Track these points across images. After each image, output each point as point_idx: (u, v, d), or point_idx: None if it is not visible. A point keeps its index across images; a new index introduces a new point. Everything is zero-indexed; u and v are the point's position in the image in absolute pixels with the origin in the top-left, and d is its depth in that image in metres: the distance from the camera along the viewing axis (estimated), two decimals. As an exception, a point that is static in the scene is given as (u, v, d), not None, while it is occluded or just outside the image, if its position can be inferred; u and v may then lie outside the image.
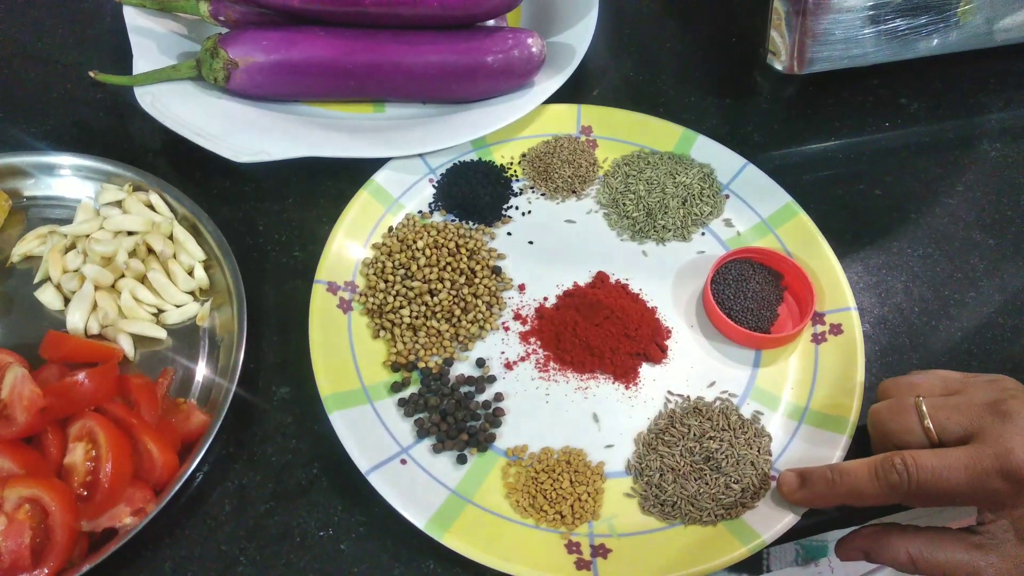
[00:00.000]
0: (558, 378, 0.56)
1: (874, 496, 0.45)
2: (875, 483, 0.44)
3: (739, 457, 0.51)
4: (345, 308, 0.57)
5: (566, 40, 0.69)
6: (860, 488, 0.45)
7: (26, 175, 0.61)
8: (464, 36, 0.64)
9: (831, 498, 0.47)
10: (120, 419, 0.49)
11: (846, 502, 0.46)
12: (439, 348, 0.56)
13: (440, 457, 0.52)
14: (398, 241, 0.60)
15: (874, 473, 0.45)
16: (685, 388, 0.55)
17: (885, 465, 0.44)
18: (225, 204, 0.62)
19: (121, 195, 0.59)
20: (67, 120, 0.67)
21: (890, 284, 0.61)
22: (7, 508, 0.45)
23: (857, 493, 0.45)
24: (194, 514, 0.50)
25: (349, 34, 0.63)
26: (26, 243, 0.58)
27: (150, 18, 0.67)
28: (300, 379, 0.54)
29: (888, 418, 0.47)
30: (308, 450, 0.53)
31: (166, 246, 0.57)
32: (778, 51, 0.68)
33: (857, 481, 0.45)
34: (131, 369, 0.55)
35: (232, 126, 0.62)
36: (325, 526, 0.50)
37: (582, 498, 0.51)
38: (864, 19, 0.67)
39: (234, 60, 0.61)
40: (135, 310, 0.56)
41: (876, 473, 0.44)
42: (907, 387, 0.48)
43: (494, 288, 0.59)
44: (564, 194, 0.64)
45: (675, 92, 0.72)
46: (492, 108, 0.65)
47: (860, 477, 0.45)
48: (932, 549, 0.45)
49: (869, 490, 0.45)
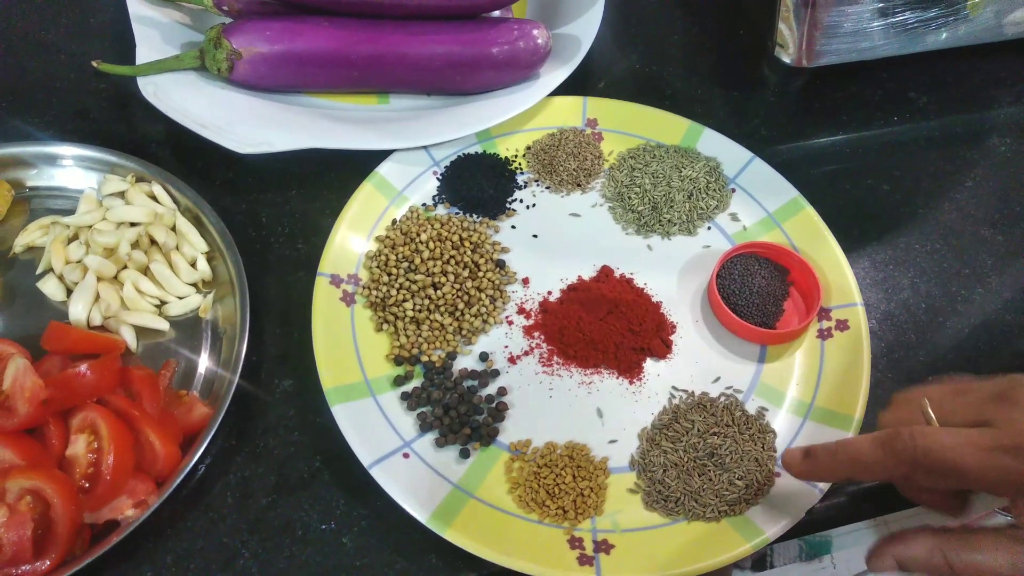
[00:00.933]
0: (562, 373, 0.55)
1: (877, 464, 0.43)
2: (879, 450, 0.43)
3: (743, 453, 0.51)
4: (348, 301, 0.56)
5: (572, 32, 0.68)
6: (863, 455, 0.44)
7: (29, 165, 0.61)
8: (469, 27, 0.64)
9: (834, 467, 0.46)
10: (122, 411, 0.49)
11: (850, 474, 0.45)
12: (442, 342, 0.56)
13: (443, 451, 0.52)
14: (402, 234, 0.59)
15: (879, 442, 0.43)
16: (689, 384, 0.55)
17: (890, 433, 0.43)
18: (228, 195, 0.62)
19: (124, 186, 0.59)
20: (70, 110, 0.66)
21: (897, 280, 0.61)
22: (9, 499, 0.45)
23: (860, 461, 0.44)
24: (196, 507, 0.50)
25: (353, 24, 0.63)
26: (29, 234, 0.58)
27: (153, 8, 0.66)
28: (302, 372, 0.54)
29: (893, 422, 0.46)
30: (310, 443, 0.53)
31: (169, 237, 0.57)
32: (786, 44, 0.67)
33: (860, 449, 0.44)
34: (133, 361, 0.54)
35: (235, 117, 0.61)
36: (327, 519, 0.50)
37: (585, 493, 0.50)
38: (873, 12, 0.66)
39: (237, 50, 0.60)
40: (137, 301, 0.55)
41: (880, 441, 0.43)
42: (916, 394, 0.48)
43: (498, 282, 0.58)
44: (569, 187, 0.63)
45: (682, 85, 0.71)
46: (497, 100, 0.65)
47: (863, 445, 0.44)
48: (970, 551, 0.42)
49: (872, 457, 0.43)
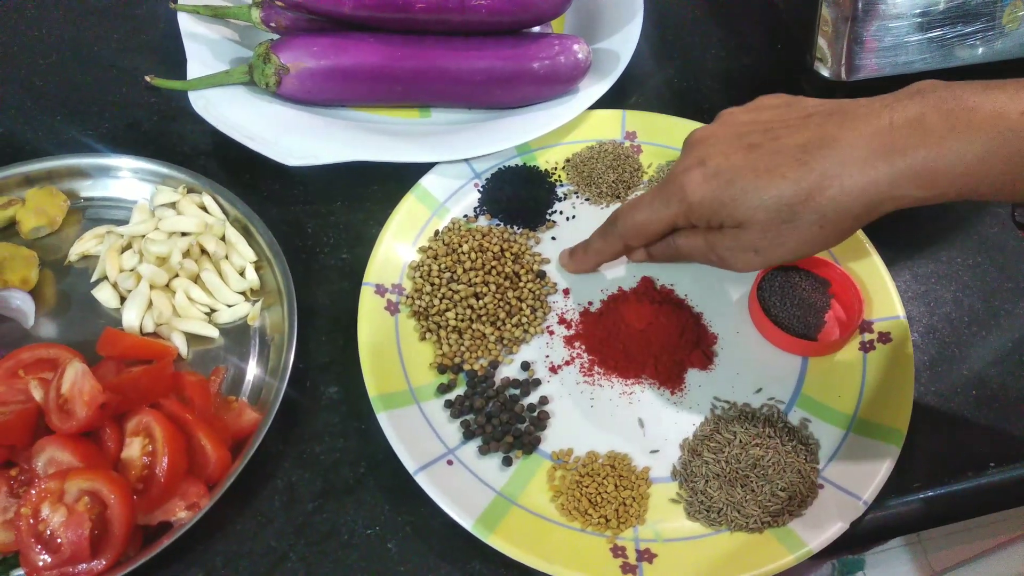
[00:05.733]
0: (603, 383, 0.56)
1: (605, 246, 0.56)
2: (602, 237, 0.56)
3: (786, 464, 0.51)
4: (392, 310, 0.57)
5: (610, 46, 0.69)
6: (594, 243, 0.57)
7: (84, 176, 0.62)
8: (511, 42, 0.65)
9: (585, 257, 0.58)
10: (175, 415, 0.50)
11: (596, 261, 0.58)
12: (484, 351, 0.57)
13: (486, 459, 0.52)
14: (444, 245, 0.60)
15: (601, 230, 0.57)
16: (731, 394, 0.55)
17: (606, 222, 0.56)
18: (275, 206, 0.63)
19: (175, 197, 0.61)
20: (123, 123, 0.68)
21: (939, 293, 0.61)
22: (67, 500, 0.47)
23: (594, 248, 0.57)
24: (245, 510, 0.51)
25: (397, 40, 0.64)
26: (84, 243, 0.60)
27: (204, 24, 0.68)
28: (348, 379, 0.55)
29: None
30: (355, 449, 0.53)
31: (219, 247, 0.58)
32: (825, 58, 0.68)
33: (593, 240, 0.58)
34: (184, 367, 0.56)
35: (282, 130, 0.63)
36: (372, 524, 0.51)
37: (627, 503, 0.51)
38: (912, 26, 0.66)
39: (285, 65, 0.62)
40: (188, 309, 0.57)
41: (602, 230, 0.57)
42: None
43: (538, 292, 0.59)
44: (608, 199, 0.64)
45: (719, 98, 0.72)
46: (537, 113, 0.66)
47: (594, 236, 0.58)
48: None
49: (600, 243, 0.57)
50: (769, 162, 0.46)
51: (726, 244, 0.49)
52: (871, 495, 0.50)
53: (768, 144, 0.47)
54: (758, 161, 0.46)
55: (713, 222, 0.49)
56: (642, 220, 0.53)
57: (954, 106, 0.42)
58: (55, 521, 0.46)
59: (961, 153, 0.42)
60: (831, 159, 0.44)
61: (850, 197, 0.44)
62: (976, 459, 0.54)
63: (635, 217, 0.53)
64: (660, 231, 0.53)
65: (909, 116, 0.43)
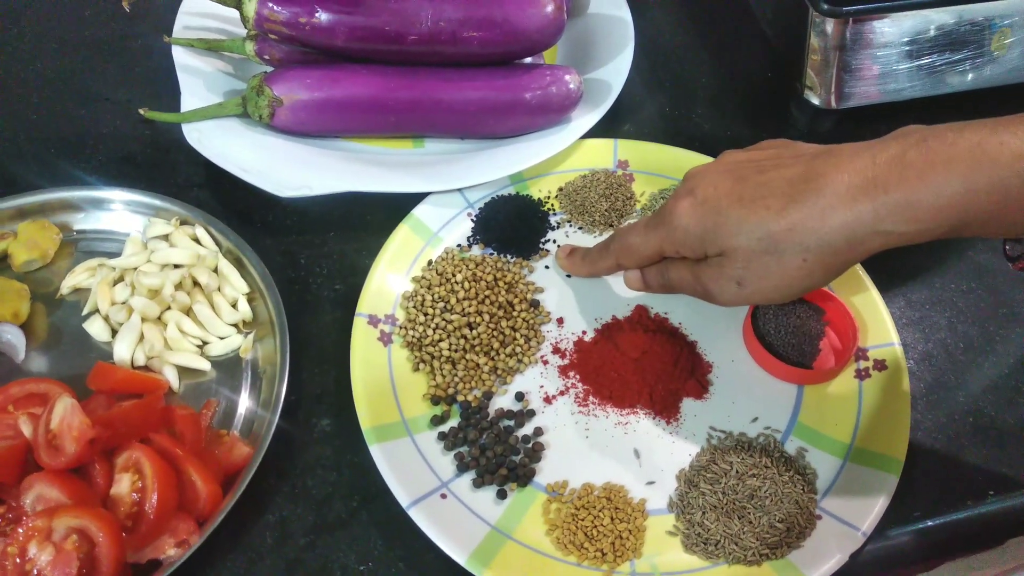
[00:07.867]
0: (598, 413, 0.55)
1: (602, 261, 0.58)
2: (599, 251, 0.58)
3: (783, 495, 0.51)
4: (385, 341, 0.57)
5: (602, 76, 0.69)
6: (594, 255, 0.59)
7: (77, 209, 0.62)
8: (503, 73, 0.65)
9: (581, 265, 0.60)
10: (165, 450, 0.50)
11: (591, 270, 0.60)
12: (478, 381, 0.56)
13: (480, 492, 0.52)
14: (437, 274, 0.60)
15: (602, 245, 0.58)
16: (727, 423, 0.55)
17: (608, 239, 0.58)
18: (268, 237, 0.63)
19: (168, 229, 0.61)
20: (116, 156, 0.68)
21: (934, 320, 0.61)
22: (55, 538, 0.46)
23: (592, 260, 0.59)
24: (235, 546, 0.50)
25: (390, 72, 0.64)
26: (75, 275, 0.59)
27: (198, 57, 0.69)
28: (341, 411, 0.55)
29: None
30: (348, 483, 0.53)
31: (211, 279, 0.58)
32: (815, 86, 0.68)
33: (592, 251, 0.59)
34: (176, 400, 0.55)
35: (276, 161, 0.63)
36: (365, 560, 0.50)
37: (623, 536, 0.50)
38: (901, 54, 0.67)
39: (279, 97, 0.62)
40: (180, 342, 0.57)
41: (603, 244, 0.58)
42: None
43: (532, 321, 0.59)
44: (601, 228, 0.64)
45: (710, 127, 0.72)
46: (530, 143, 0.66)
47: (593, 249, 0.59)
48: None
49: (598, 256, 0.58)
50: (754, 193, 0.47)
51: (710, 274, 0.50)
52: (870, 526, 0.49)
53: (755, 177, 0.48)
54: (744, 191, 0.47)
55: (698, 251, 0.50)
56: (633, 243, 0.54)
57: (934, 143, 0.43)
58: (42, 560, 0.45)
59: (942, 186, 0.42)
60: (815, 193, 0.45)
61: (832, 230, 0.45)
62: (975, 488, 0.54)
63: (627, 239, 0.55)
64: (649, 255, 0.54)
65: (891, 154, 0.44)
